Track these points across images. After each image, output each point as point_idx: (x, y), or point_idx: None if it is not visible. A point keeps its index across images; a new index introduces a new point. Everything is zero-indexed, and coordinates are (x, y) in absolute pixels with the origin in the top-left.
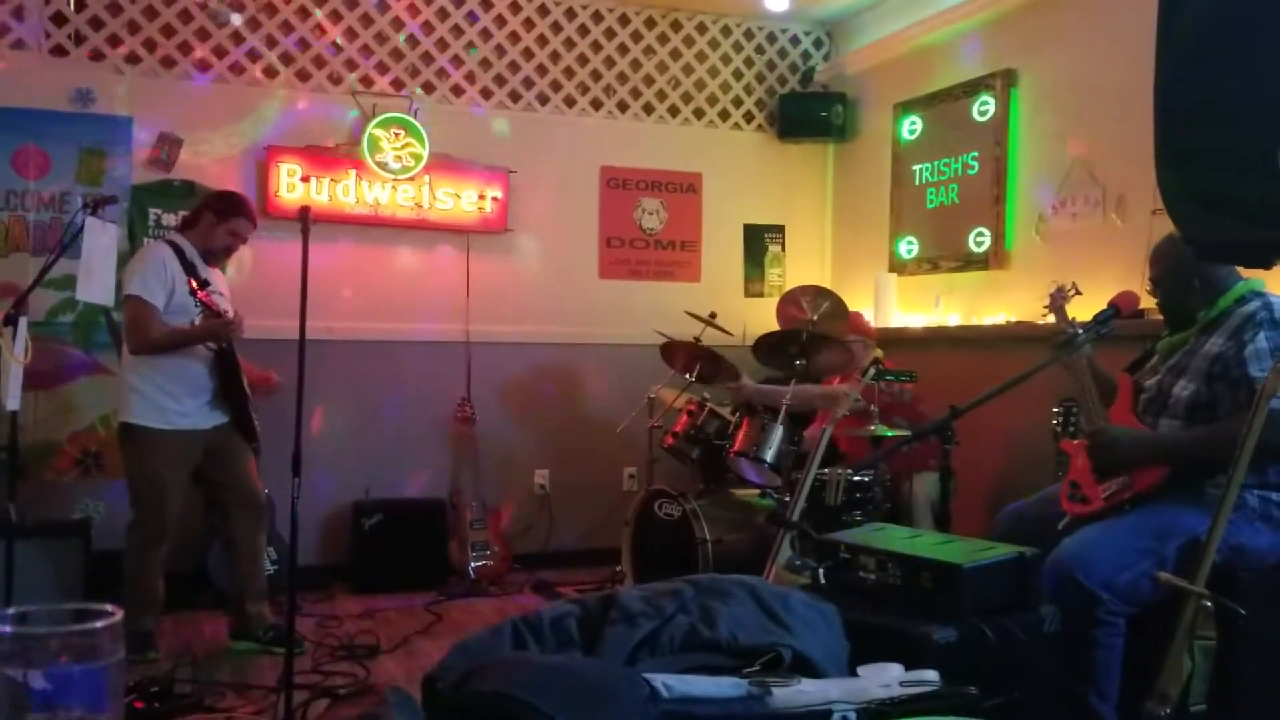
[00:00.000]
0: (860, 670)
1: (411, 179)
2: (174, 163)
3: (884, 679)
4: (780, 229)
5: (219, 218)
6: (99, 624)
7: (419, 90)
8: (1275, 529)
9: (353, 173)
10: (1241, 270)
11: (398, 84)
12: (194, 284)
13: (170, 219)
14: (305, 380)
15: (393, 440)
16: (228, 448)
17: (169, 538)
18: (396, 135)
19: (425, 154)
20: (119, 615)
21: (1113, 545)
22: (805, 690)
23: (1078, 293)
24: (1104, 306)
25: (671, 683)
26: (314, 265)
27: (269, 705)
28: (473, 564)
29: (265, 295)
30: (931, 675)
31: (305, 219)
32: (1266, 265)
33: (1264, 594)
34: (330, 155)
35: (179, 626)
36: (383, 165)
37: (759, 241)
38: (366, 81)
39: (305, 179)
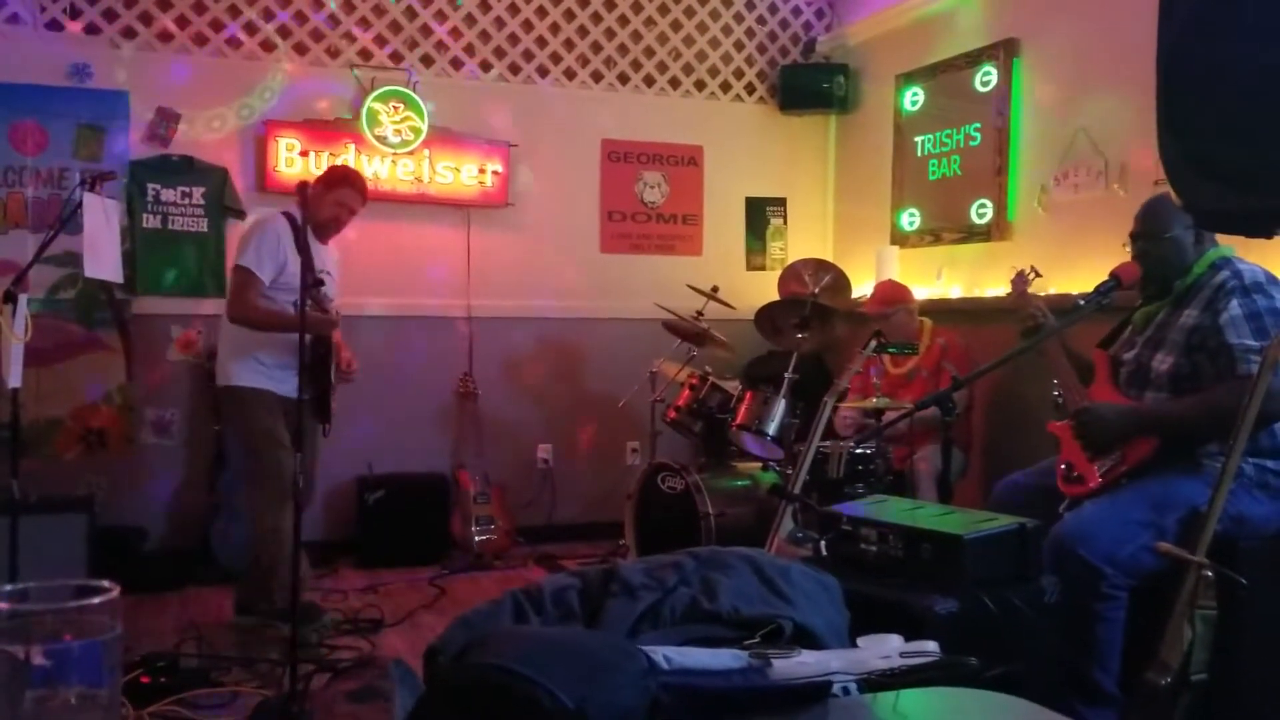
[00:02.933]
0: (860, 641)
1: (411, 153)
2: (172, 138)
3: (883, 650)
4: (782, 202)
5: (327, 188)
6: (96, 600)
7: (418, 63)
8: (1273, 497)
9: (351, 147)
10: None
11: (396, 57)
12: (309, 279)
13: (169, 194)
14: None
15: (395, 415)
16: (304, 425)
17: (290, 499)
18: (395, 109)
19: (425, 128)
20: (115, 591)
21: (1114, 519)
22: (805, 661)
23: (1037, 275)
24: (1105, 277)
25: (671, 654)
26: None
27: (274, 679)
28: (476, 538)
29: None
30: (931, 646)
31: (304, 194)
32: (1268, 235)
33: (1264, 562)
34: (329, 129)
35: (184, 602)
36: (382, 139)
37: (761, 214)
38: (365, 55)
39: (304, 153)
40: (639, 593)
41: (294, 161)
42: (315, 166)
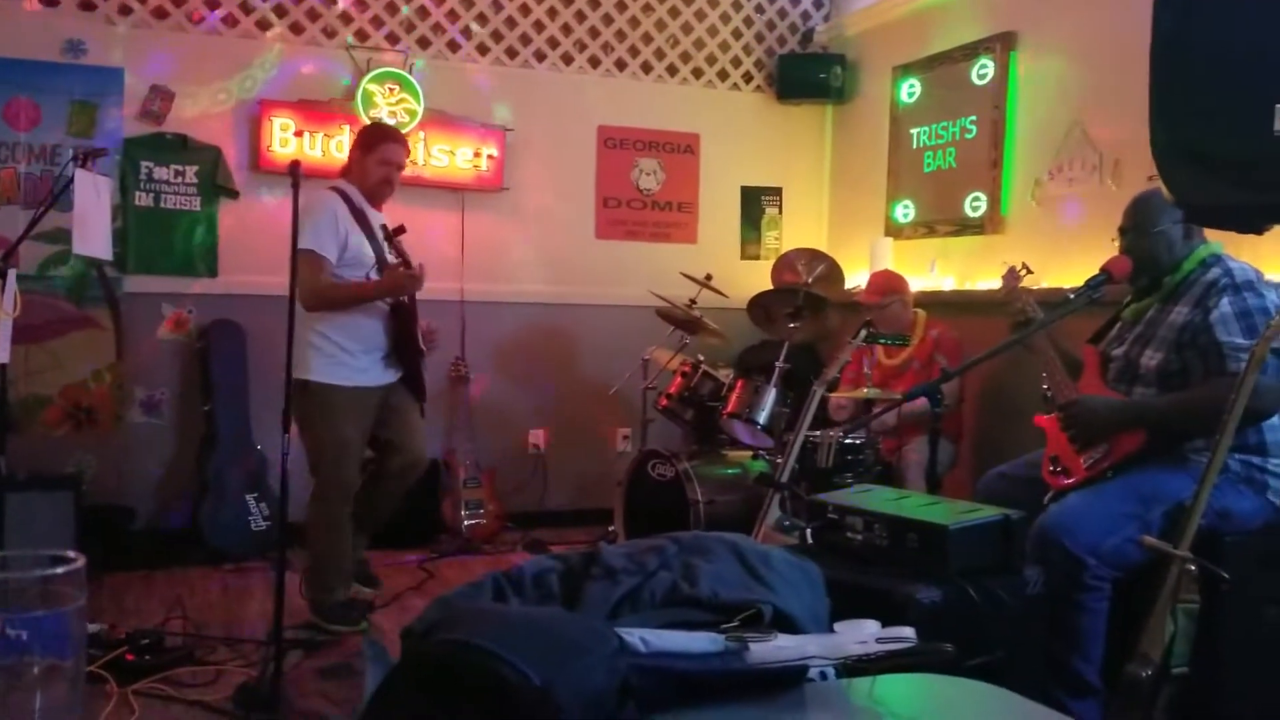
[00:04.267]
0: (837, 627)
1: (406, 135)
2: (166, 116)
3: (860, 635)
4: (778, 191)
5: (366, 151)
6: (60, 570)
7: (414, 45)
8: (1257, 492)
9: (346, 128)
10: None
11: (393, 39)
12: (386, 230)
13: (162, 172)
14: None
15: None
16: (398, 407)
17: (352, 499)
18: (391, 91)
19: (420, 110)
20: (81, 562)
21: (1098, 511)
22: (783, 646)
23: (1029, 271)
24: (1096, 271)
25: (648, 637)
26: None
27: (259, 659)
28: (466, 522)
29: (257, 250)
30: (908, 632)
31: (296, 174)
32: (1258, 230)
33: (1247, 557)
34: (324, 110)
35: (171, 581)
36: (377, 121)
37: (756, 204)
38: (361, 36)
39: (298, 134)
40: (619, 576)
41: (288, 141)
42: (309, 147)
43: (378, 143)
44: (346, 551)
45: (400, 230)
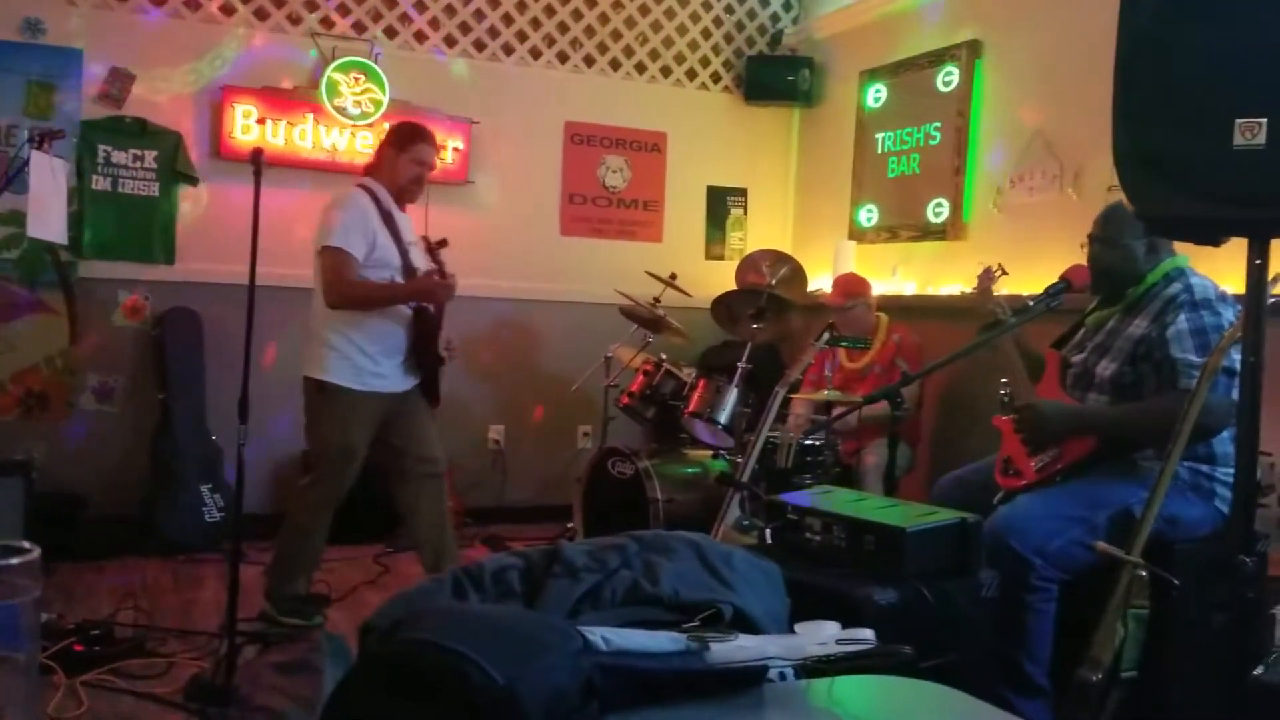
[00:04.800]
0: (797, 628)
1: (370, 125)
2: (125, 99)
3: (820, 636)
4: (743, 192)
5: (399, 149)
6: (14, 561)
7: (380, 35)
8: (1205, 500)
9: (310, 116)
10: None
11: (359, 27)
12: (429, 242)
13: (120, 156)
14: (258, 326)
15: None
16: (411, 412)
17: (339, 502)
18: (356, 80)
19: (385, 100)
20: (35, 553)
21: (1046, 513)
22: (743, 646)
23: (1004, 273)
24: (1056, 279)
25: (609, 635)
26: (268, 210)
27: (211, 650)
28: None
29: (217, 238)
30: (867, 634)
31: (258, 161)
32: (1215, 242)
33: (1196, 564)
34: (287, 98)
35: (123, 571)
36: (341, 110)
37: (722, 204)
38: (326, 23)
39: (261, 121)
40: (581, 574)
41: (250, 129)
42: (272, 135)
43: (412, 142)
44: (318, 548)
45: (443, 243)
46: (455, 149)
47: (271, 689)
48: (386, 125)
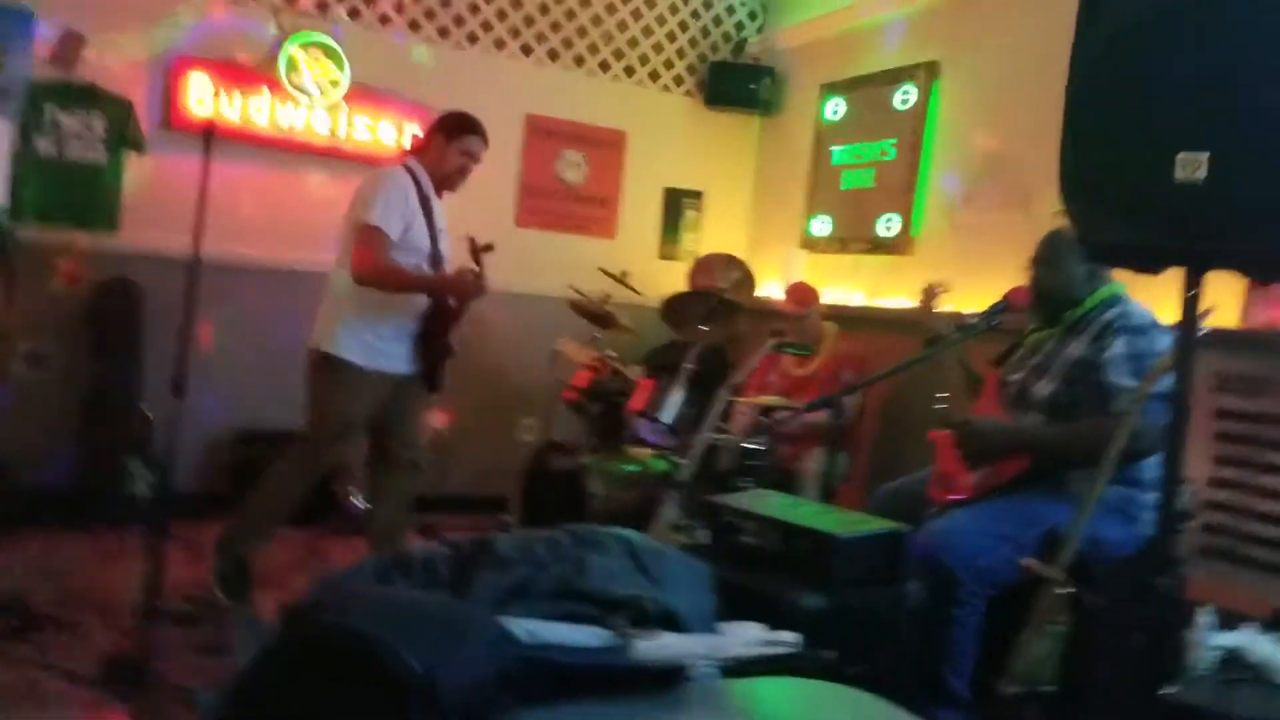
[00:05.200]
0: (722, 628)
1: (329, 105)
2: (76, 62)
3: (744, 637)
4: (699, 195)
5: (449, 137)
6: None
7: (344, 16)
8: (1128, 522)
9: (266, 91)
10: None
11: (322, 5)
12: (474, 243)
13: (68, 121)
14: (199, 303)
15: (285, 371)
16: (407, 398)
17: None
18: (316, 58)
19: (345, 81)
20: None
21: (976, 529)
22: (667, 643)
23: (947, 291)
24: (998, 299)
25: (534, 628)
26: (219, 185)
27: (130, 628)
28: (357, 501)
29: (164, 210)
30: (790, 636)
31: (209, 136)
32: (1154, 271)
33: (1116, 583)
34: (244, 71)
35: (45, 544)
36: (299, 88)
37: (677, 205)
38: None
39: (216, 94)
40: (510, 566)
41: (204, 101)
42: (227, 108)
43: (464, 133)
44: (280, 515)
45: (489, 248)
46: (414, 135)
47: (188, 669)
48: (346, 106)
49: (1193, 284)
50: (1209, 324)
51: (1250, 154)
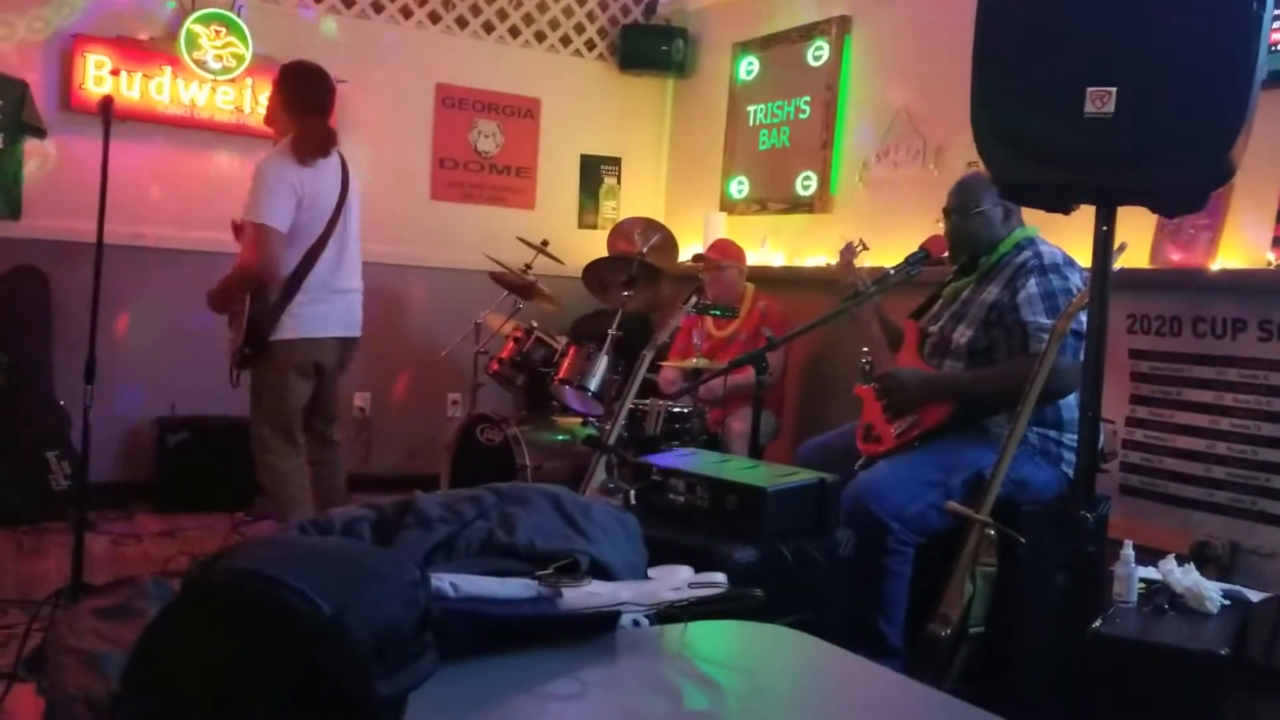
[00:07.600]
0: (651, 573)
1: (232, 81)
2: None
3: (674, 581)
4: (617, 161)
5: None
6: None
7: None
8: (1053, 464)
9: (168, 69)
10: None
11: None
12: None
13: None
14: (108, 287)
15: (202, 355)
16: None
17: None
18: (217, 33)
19: (248, 55)
20: None
21: (903, 478)
22: (596, 592)
23: (865, 248)
24: (915, 249)
25: (459, 582)
26: (123, 166)
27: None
28: None
29: (66, 194)
30: (720, 577)
31: (107, 111)
32: (1066, 209)
33: (1041, 524)
34: (143, 49)
35: None
36: (201, 64)
37: (595, 173)
38: None
39: (115, 73)
40: (434, 524)
41: (103, 80)
42: (126, 87)
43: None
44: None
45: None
46: None
47: (89, 633)
48: (250, 81)
49: (1104, 220)
50: (1120, 264)
51: (1156, 86)
